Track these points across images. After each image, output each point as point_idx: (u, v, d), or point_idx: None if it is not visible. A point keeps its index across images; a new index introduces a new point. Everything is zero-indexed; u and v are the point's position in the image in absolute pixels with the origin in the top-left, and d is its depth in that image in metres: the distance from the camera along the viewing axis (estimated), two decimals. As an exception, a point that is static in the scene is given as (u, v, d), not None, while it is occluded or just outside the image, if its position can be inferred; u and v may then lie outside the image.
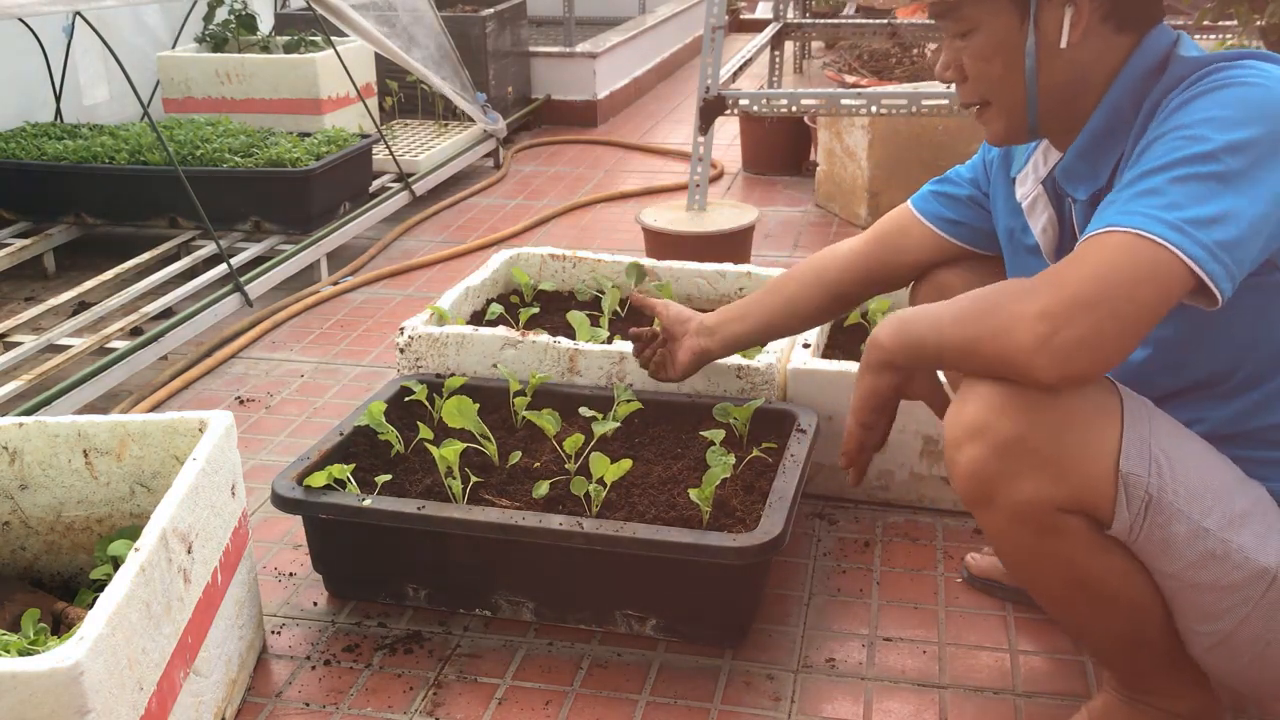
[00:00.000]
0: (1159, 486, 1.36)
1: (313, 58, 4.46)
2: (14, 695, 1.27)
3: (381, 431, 2.11)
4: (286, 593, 2.07)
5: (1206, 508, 1.38)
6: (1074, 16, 1.43)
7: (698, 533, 1.81)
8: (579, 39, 6.13)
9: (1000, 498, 1.40)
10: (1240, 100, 1.32)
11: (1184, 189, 1.30)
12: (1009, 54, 1.47)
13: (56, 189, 3.77)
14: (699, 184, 3.70)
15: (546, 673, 1.84)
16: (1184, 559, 1.39)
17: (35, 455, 1.82)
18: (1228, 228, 1.28)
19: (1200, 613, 1.42)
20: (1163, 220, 1.29)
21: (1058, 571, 1.44)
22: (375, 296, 3.55)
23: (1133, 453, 1.36)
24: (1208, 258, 1.27)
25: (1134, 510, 1.37)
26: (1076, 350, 1.28)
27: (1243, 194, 1.29)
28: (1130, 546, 1.41)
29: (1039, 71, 1.47)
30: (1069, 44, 1.44)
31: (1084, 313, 1.27)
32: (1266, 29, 2.99)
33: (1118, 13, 1.44)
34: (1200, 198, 1.29)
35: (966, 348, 1.38)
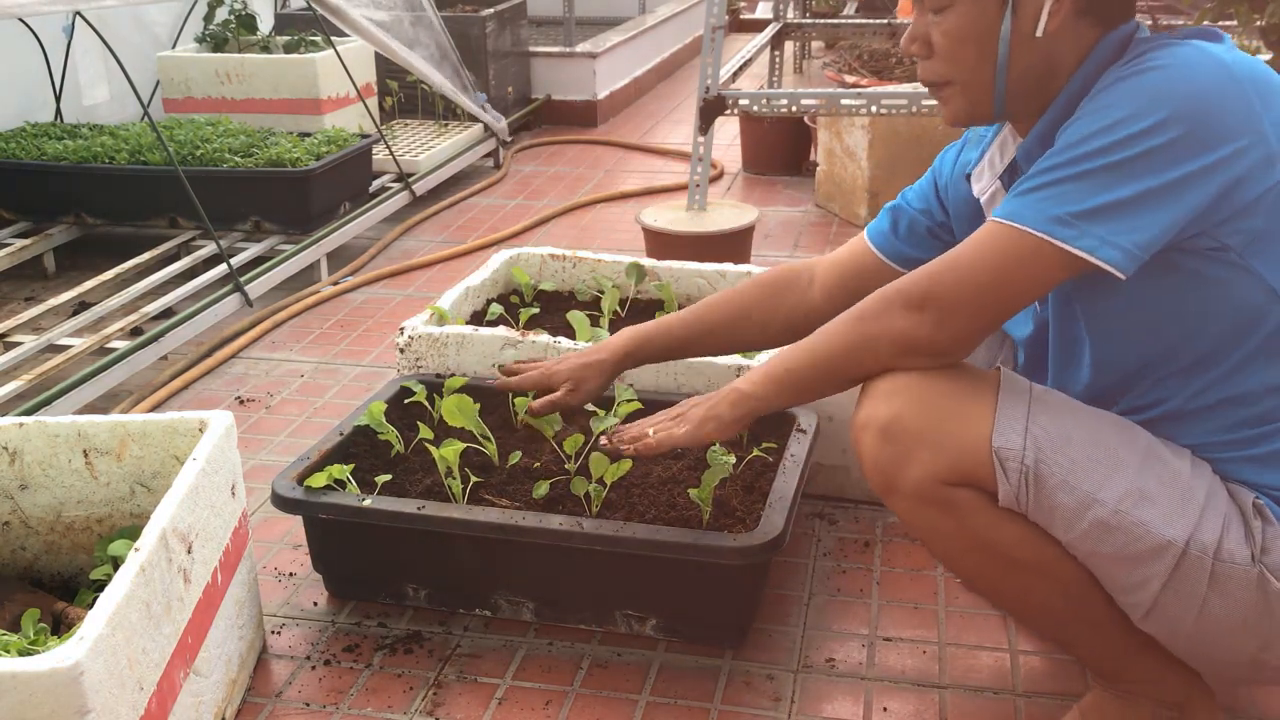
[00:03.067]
0: (1036, 460, 1.42)
1: (313, 58, 4.46)
2: (14, 695, 1.27)
3: (381, 431, 2.11)
4: (286, 593, 2.07)
5: (1099, 480, 1.41)
6: (1053, 6, 1.43)
7: (698, 533, 1.81)
8: (579, 39, 6.13)
9: (898, 482, 1.48)
10: (1143, 88, 1.34)
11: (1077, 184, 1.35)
12: (983, 37, 1.46)
13: (56, 189, 3.77)
14: (699, 184, 3.70)
15: (546, 673, 1.84)
16: (1075, 528, 1.43)
17: (35, 455, 1.82)
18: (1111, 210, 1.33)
19: (1116, 583, 1.46)
20: (1050, 216, 1.36)
21: (972, 549, 1.49)
22: (375, 296, 3.55)
23: (1006, 429, 1.43)
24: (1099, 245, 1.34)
25: (1013, 482, 1.43)
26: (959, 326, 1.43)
27: (1132, 179, 1.32)
28: (1027, 516, 1.45)
29: (1010, 58, 1.46)
30: (1045, 33, 1.44)
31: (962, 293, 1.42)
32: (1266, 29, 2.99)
33: (1095, 7, 1.45)
34: (1091, 191, 1.34)
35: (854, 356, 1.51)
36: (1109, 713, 1.59)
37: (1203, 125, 1.32)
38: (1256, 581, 1.39)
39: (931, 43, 1.51)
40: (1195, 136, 1.32)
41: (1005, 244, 1.39)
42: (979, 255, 1.41)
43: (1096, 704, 1.61)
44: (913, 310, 1.45)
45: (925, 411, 1.46)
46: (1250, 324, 1.41)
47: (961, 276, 1.42)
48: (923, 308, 1.44)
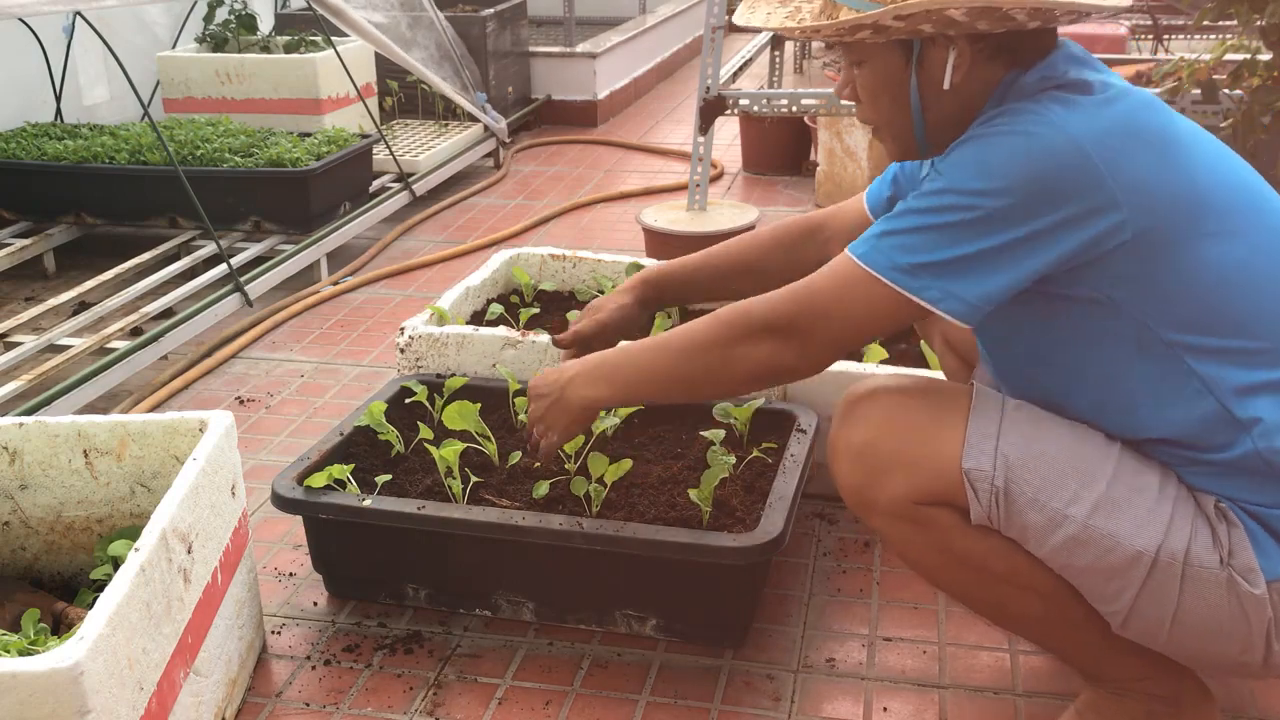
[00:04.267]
0: (1006, 480, 1.44)
1: (313, 58, 4.46)
2: (14, 695, 1.27)
3: (381, 431, 2.11)
4: (286, 593, 2.07)
5: (1069, 496, 1.43)
6: (956, 61, 1.48)
7: (698, 533, 1.81)
8: (579, 39, 6.13)
9: (873, 503, 1.52)
10: (998, 154, 1.40)
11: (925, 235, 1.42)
12: (895, 89, 1.54)
13: (56, 189, 3.77)
14: (699, 184, 3.70)
15: (546, 673, 1.84)
16: (1047, 544, 1.45)
17: (35, 455, 1.82)
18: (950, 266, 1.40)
19: (1093, 594, 1.48)
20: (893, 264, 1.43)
21: (950, 565, 1.53)
22: (375, 296, 3.55)
23: (976, 450, 1.46)
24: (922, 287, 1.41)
25: (984, 503, 1.46)
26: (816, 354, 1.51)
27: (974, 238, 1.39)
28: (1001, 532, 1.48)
29: (924, 108, 1.53)
30: (951, 85, 1.49)
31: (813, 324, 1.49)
32: (1266, 29, 2.99)
33: (1003, 51, 1.49)
34: (936, 246, 1.41)
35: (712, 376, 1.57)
36: (1104, 710, 1.59)
37: (1039, 192, 1.37)
38: (1226, 584, 1.40)
39: (857, 92, 1.59)
40: (1031, 203, 1.37)
41: (861, 286, 1.46)
42: (838, 293, 1.48)
43: (1092, 702, 1.61)
44: (777, 338, 1.51)
45: (897, 435, 1.50)
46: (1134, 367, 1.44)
47: (833, 318, 1.48)
48: (787, 338, 1.51)
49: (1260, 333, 1.42)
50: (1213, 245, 1.41)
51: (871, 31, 1.46)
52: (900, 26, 1.44)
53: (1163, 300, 1.41)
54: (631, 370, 1.66)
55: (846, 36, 1.49)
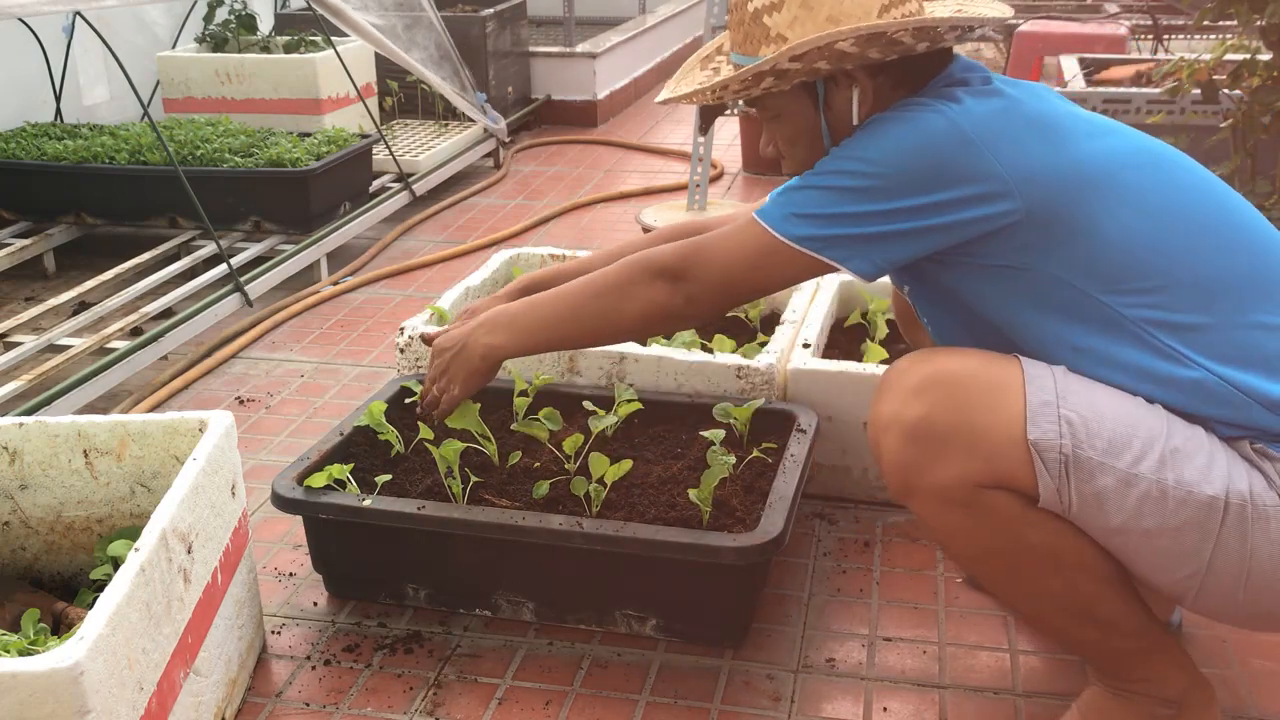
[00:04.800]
0: (1073, 445, 1.40)
1: (313, 58, 4.46)
2: (14, 695, 1.27)
3: (381, 431, 2.11)
4: (286, 593, 2.07)
5: (1136, 454, 1.40)
6: (860, 96, 1.55)
7: (698, 533, 1.81)
8: (579, 39, 6.13)
9: (923, 485, 1.46)
10: (883, 137, 1.48)
11: (818, 193, 1.50)
12: (809, 135, 1.62)
13: (56, 189, 3.77)
14: (699, 184, 3.70)
15: (546, 673, 1.84)
16: (1124, 510, 1.41)
17: (35, 455, 1.82)
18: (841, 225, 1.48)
19: (1168, 561, 1.43)
20: (784, 214, 1.51)
21: (997, 552, 1.48)
22: (375, 296, 3.55)
23: (1040, 419, 1.41)
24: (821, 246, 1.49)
25: (1054, 474, 1.40)
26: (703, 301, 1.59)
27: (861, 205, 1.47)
28: (1070, 517, 1.44)
29: (834, 144, 1.58)
30: (859, 119, 1.55)
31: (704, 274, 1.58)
32: (1266, 29, 2.99)
33: (905, 80, 1.56)
34: (826, 202, 1.49)
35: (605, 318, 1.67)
36: (1107, 710, 1.59)
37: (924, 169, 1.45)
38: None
39: (778, 145, 1.67)
40: (917, 178, 1.45)
41: (761, 244, 1.53)
42: (737, 250, 1.56)
43: (1094, 701, 1.61)
44: (667, 281, 1.60)
45: (954, 410, 1.43)
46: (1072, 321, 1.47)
47: (718, 263, 1.57)
48: (676, 281, 1.59)
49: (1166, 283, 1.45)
50: (1104, 212, 1.46)
51: (774, 79, 1.53)
52: (798, 68, 1.51)
53: (1074, 262, 1.45)
54: (532, 316, 1.72)
55: (753, 89, 1.55)
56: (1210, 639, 1.88)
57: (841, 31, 1.45)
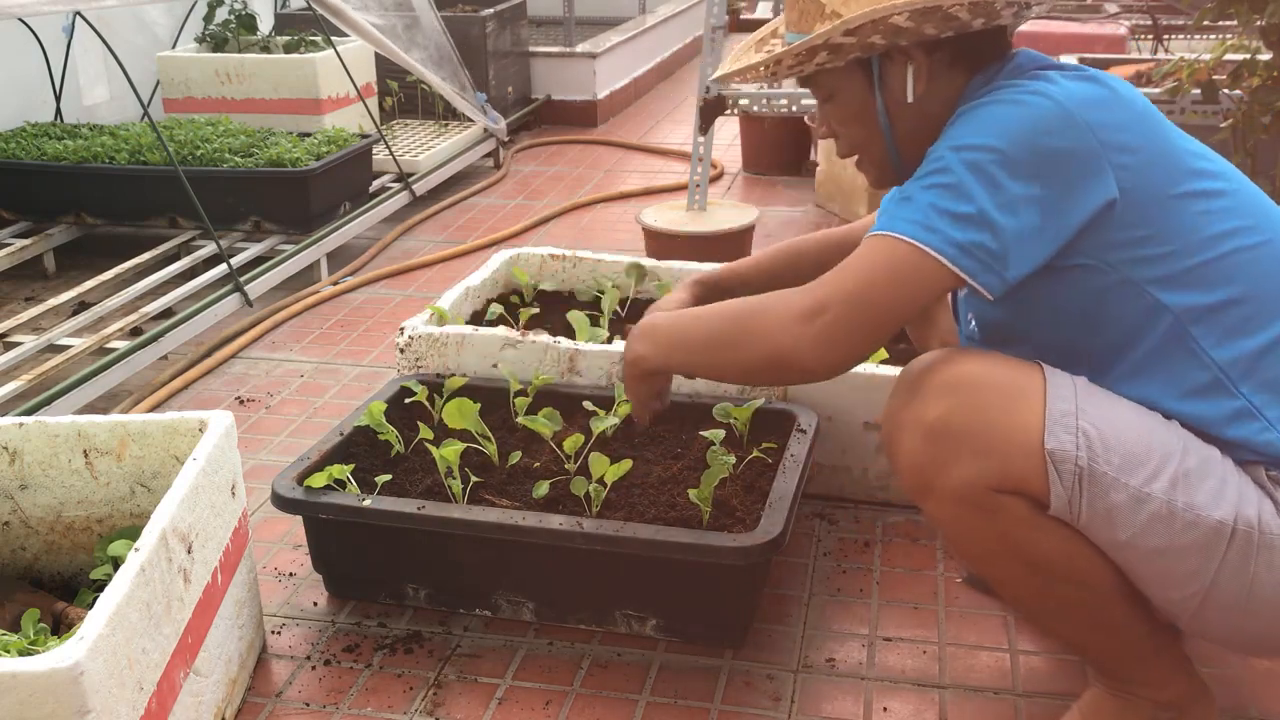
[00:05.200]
0: (1089, 459, 1.39)
1: (313, 58, 4.46)
2: (14, 695, 1.27)
3: (381, 431, 2.11)
4: (286, 593, 2.07)
5: (1150, 473, 1.40)
6: (915, 72, 1.53)
7: (698, 533, 1.81)
8: (579, 39, 6.13)
9: (938, 485, 1.45)
10: (989, 118, 1.43)
11: (932, 194, 1.42)
12: (864, 114, 1.58)
13: (56, 189, 3.77)
14: (699, 184, 3.70)
15: (546, 673, 1.84)
16: (1132, 526, 1.41)
17: (35, 455, 1.82)
18: (974, 228, 1.39)
19: (1170, 580, 1.44)
20: (915, 222, 1.41)
21: (1007, 555, 1.47)
22: (375, 296, 3.55)
23: (1057, 429, 1.40)
24: (959, 254, 1.39)
25: (1067, 485, 1.40)
26: (839, 343, 1.44)
27: (986, 199, 1.39)
28: (1078, 527, 1.43)
29: (892, 126, 1.57)
30: (915, 96, 1.53)
31: (845, 310, 1.43)
32: (1266, 29, 2.99)
33: (961, 58, 1.54)
34: (946, 201, 1.40)
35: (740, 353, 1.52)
36: (1107, 713, 1.59)
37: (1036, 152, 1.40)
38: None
39: (833, 126, 1.64)
40: (1031, 161, 1.40)
41: (898, 258, 1.42)
42: (871, 271, 1.44)
43: (1095, 704, 1.61)
44: (801, 320, 1.45)
45: (974, 412, 1.42)
46: (1134, 335, 1.46)
47: (855, 292, 1.43)
48: (810, 318, 1.44)
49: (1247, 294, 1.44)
50: (1194, 204, 1.45)
51: (828, 54, 1.51)
52: (852, 42, 1.49)
53: (1153, 264, 1.44)
54: (675, 328, 1.63)
55: (807, 64, 1.53)
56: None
57: (896, 5, 1.42)
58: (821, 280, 1.47)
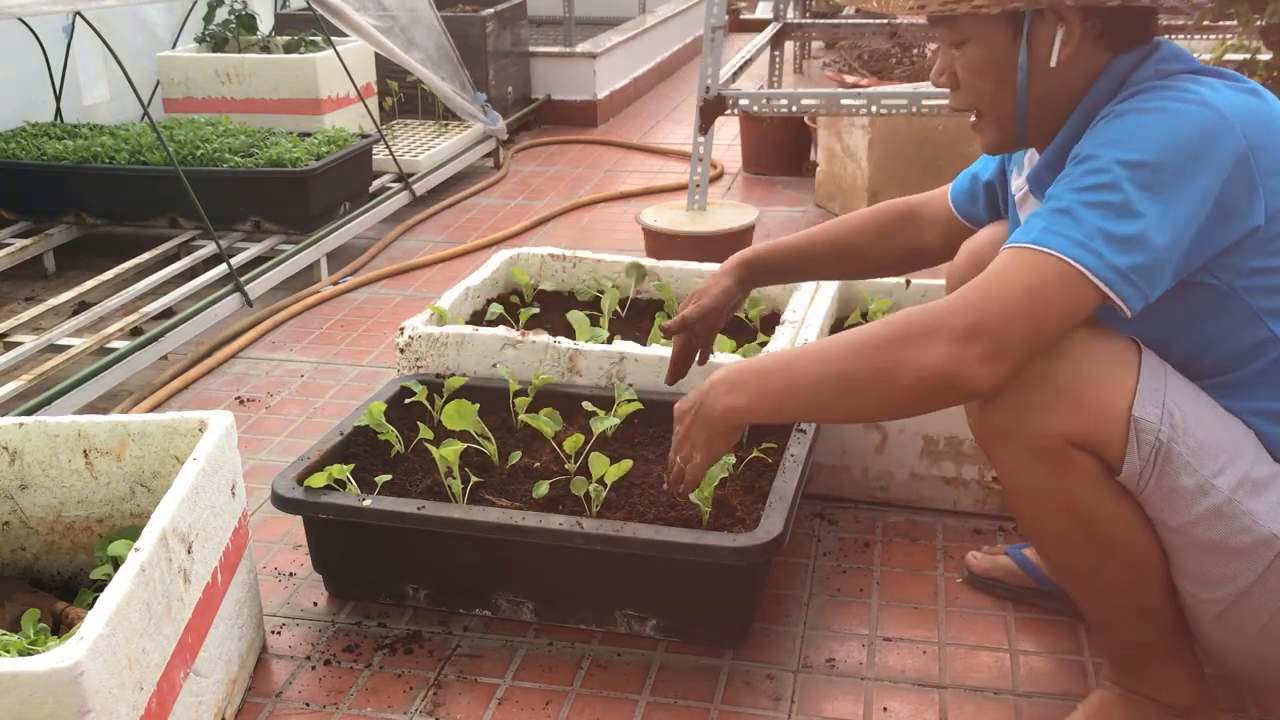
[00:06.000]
0: (1170, 436, 1.40)
1: (313, 58, 4.46)
2: (14, 695, 1.27)
3: (381, 431, 2.11)
4: (286, 593, 2.07)
5: (1218, 467, 1.41)
6: (1065, 36, 1.46)
7: (698, 533, 1.81)
8: (579, 39, 6.13)
9: (1019, 430, 1.44)
10: (1153, 126, 1.38)
11: (1096, 213, 1.36)
12: (1001, 69, 1.50)
13: (56, 189, 3.77)
14: (699, 184, 3.70)
15: (546, 673, 1.84)
16: (1189, 513, 1.41)
17: (35, 455, 1.82)
18: (1136, 252, 1.35)
19: (1206, 575, 1.44)
20: (1075, 242, 1.35)
21: (1064, 513, 1.46)
22: (375, 296, 3.55)
23: (1146, 399, 1.41)
24: (1118, 279, 1.35)
25: (1144, 455, 1.40)
26: (1004, 361, 1.37)
27: (1148, 218, 1.35)
28: (1138, 496, 1.44)
29: (1029, 87, 1.50)
30: (1058, 62, 1.47)
31: (1006, 331, 1.36)
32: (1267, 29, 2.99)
33: (1109, 33, 1.48)
34: (1109, 222, 1.35)
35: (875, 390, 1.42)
36: (1114, 714, 1.59)
37: (1196, 161, 1.36)
38: None
39: (956, 75, 1.55)
40: (1191, 171, 1.36)
41: (1065, 280, 1.36)
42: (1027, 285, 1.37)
43: (1101, 705, 1.61)
44: (954, 341, 1.36)
45: (1072, 367, 1.42)
46: (1236, 359, 1.46)
47: (1021, 310, 1.36)
48: (967, 339, 1.36)
49: None
50: None
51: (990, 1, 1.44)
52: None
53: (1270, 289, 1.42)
54: (785, 375, 1.49)
55: (963, 5, 1.45)
56: (1210, 639, 1.88)
57: None
58: (972, 295, 1.38)
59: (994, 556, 2.03)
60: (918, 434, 2.23)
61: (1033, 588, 1.97)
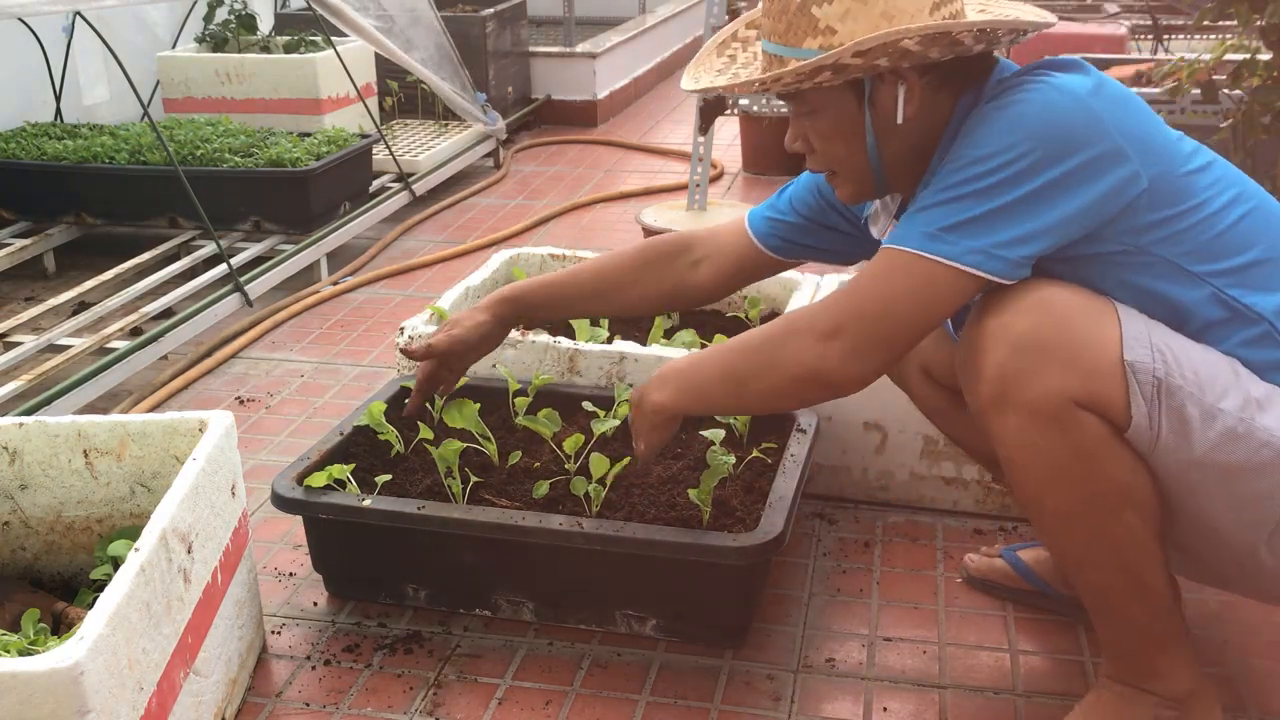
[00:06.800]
0: (1165, 371, 1.43)
1: (313, 58, 4.46)
2: (14, 695, 1.27)
3: (381, 431, 2.11)
4: (286, 593, 2.07)
5: (1220, 391, 1.43)
6: (906, 94, 1.52)
7: (698, 533, 1.81)
8: (579, 39, 6.13)
9: (1019, 396, 1.45)
10: (1008, 120, 1.44)
11: (949, 206, 1.44)
12: (849, 132, 1.57)
13: (56, 189, 3.77)
14: (699, 184, 3.70)
15: (546, 673, 1.84)
16: (1205, 440, 1.43)
17: (35, 455, 1.82)
18: (1002, 231, 1.42)
19: (1243, 499, 1.45)
20: (933, 236, 1.44)
21: (1067, 472, 1.46)
22: (375, 296, 3.55)
23: (1134, 343, 1.43)
24: (985, 260, 1.42)
25: (1147, 397, 1.42)
26: (869, 357, 1.48)
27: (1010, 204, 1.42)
28: (1155, 448, 1.44)
29: (879, 145, 1.57)
30: (904, 118, 1.53)
31: (870, 327, 1.47)
32: (1266, 29, 2.99)
33: (949, 81, 1.54)
34: (961, 210, 1.43)
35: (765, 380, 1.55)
36: (1111, 710, 1.59)
37: (1054, 142, 1.42)
38: None
39: (810, 141, 1.61)
40: (1050, 152, 1.42)
41: (900, 270, 1.46)
42: (890, 286, 1.47)
43: (1098, 702, 1.61)
44: (825, 339, 1.49)
45: (1060, 326, 1.44)
46: (1182, 312, 1.48)
47: (874, 306, 1.47)
48: (830, 337, 1.48)
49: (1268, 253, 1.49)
50: (1198, 179, 1.49)
51: (831, 73, 1.49)
52: (858, 64, 1.47)
53: (1182, 239, 1.47)
54: (693, 373, 1.65)
55: (806, 83, 1.51)
56: (1211, 639, 1.88)
57: (910, 30, 1.42)
58: (837, 297, 1.50)
59: (990, 559, 2.03)
60: (918, 434, 2.23)
61: (1028, 591, 1.97)
